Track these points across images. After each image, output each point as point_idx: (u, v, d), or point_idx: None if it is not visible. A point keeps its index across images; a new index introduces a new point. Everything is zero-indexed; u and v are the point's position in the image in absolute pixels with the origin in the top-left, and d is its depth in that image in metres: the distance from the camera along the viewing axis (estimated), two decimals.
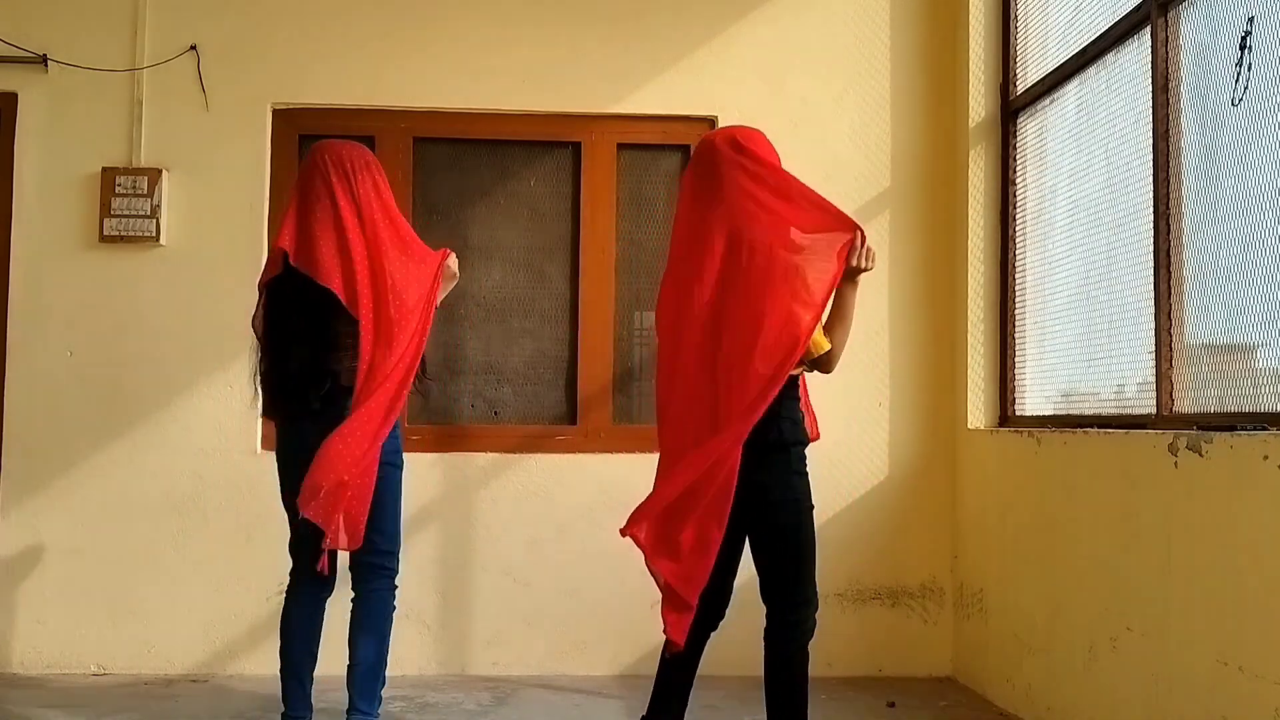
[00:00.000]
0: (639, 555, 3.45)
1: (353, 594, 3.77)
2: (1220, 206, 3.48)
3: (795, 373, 3.25)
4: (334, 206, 3.58)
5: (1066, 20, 4.55)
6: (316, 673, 3.79)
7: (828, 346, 3.27)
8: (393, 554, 3.75)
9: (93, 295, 5.02)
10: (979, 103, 5.09)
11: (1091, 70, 4.32)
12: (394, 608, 3.79)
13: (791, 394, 3.27)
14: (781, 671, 3.29)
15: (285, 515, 3.71)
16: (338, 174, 3.62)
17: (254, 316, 3.74)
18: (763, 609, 3.35)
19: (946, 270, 5.22)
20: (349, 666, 3.75)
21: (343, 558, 3.75)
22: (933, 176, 5.27)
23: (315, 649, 3.73)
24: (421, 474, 4.77)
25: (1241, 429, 3.11)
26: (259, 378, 3.71)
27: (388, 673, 3.86)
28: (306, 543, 3.64)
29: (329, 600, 3.78)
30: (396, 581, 3.78)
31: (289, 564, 3.81)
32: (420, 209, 5.24)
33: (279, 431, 3.71)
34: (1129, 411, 3.94)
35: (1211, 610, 3.14)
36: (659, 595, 3.40)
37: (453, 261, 3.81)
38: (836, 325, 3.32)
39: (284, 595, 3.76)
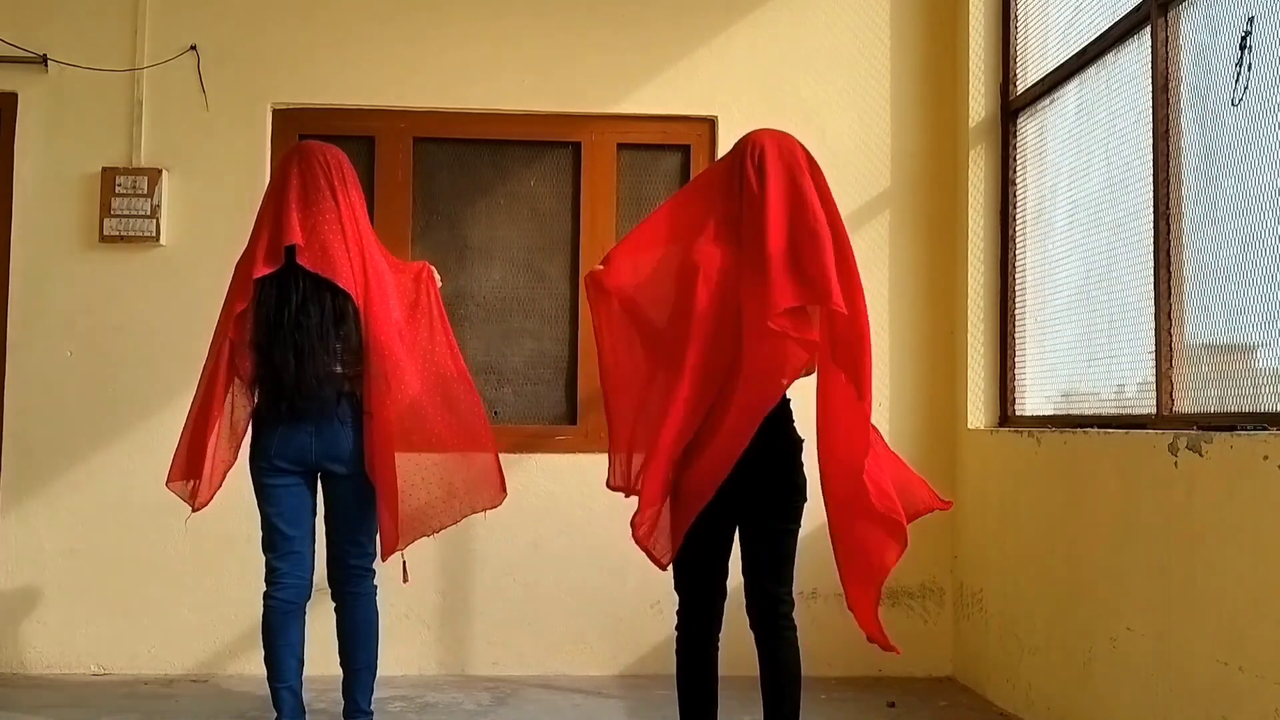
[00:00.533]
0: (639, 555, 3.45)
1: (336, 600, 3.75)
2: (1220, 206, 3.48)
3: None
4: (337, 209, 3.59)
5: (1066, 20, 4.55)
6: (313, 673, 3.79)
7: None
8: (374, 555, 3.76)
9: (93, 295, 5.02)
10: (979, 103, 5.09)
11: (1091, 70, 4.31)
12: (376, 604, 3.79)
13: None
14: (796, 663, 3.25)
15: (265, 518, 3.70)
16: (338, 178, 3.63)
17: (235, 312, 3.58)
18: None
19: (946, 270, 5.22)
20: (350, 670, 3.74)
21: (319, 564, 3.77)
22: (933, 176, 5.27)
23: (301, 654, 3.71)
24: None
25: (1241, 429, 3.11)
26: (271, 380, 3.56)
27: (386, 672, 3.87)
28: (296, 548, 3.66)
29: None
30: (376, 582, 3.79)
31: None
32: (420, 209, 5.24)
33: (275, 433, 3.60)
34: (1129, 411, 3.94)
35: (1211, 610, 3.14)
36: (659, 595, 3.40)
37: (435, 272, 3.87)
38: None
39: (263, 601, 3.70)
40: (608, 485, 3.41)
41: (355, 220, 3.61)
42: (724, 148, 5.16)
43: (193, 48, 5.10)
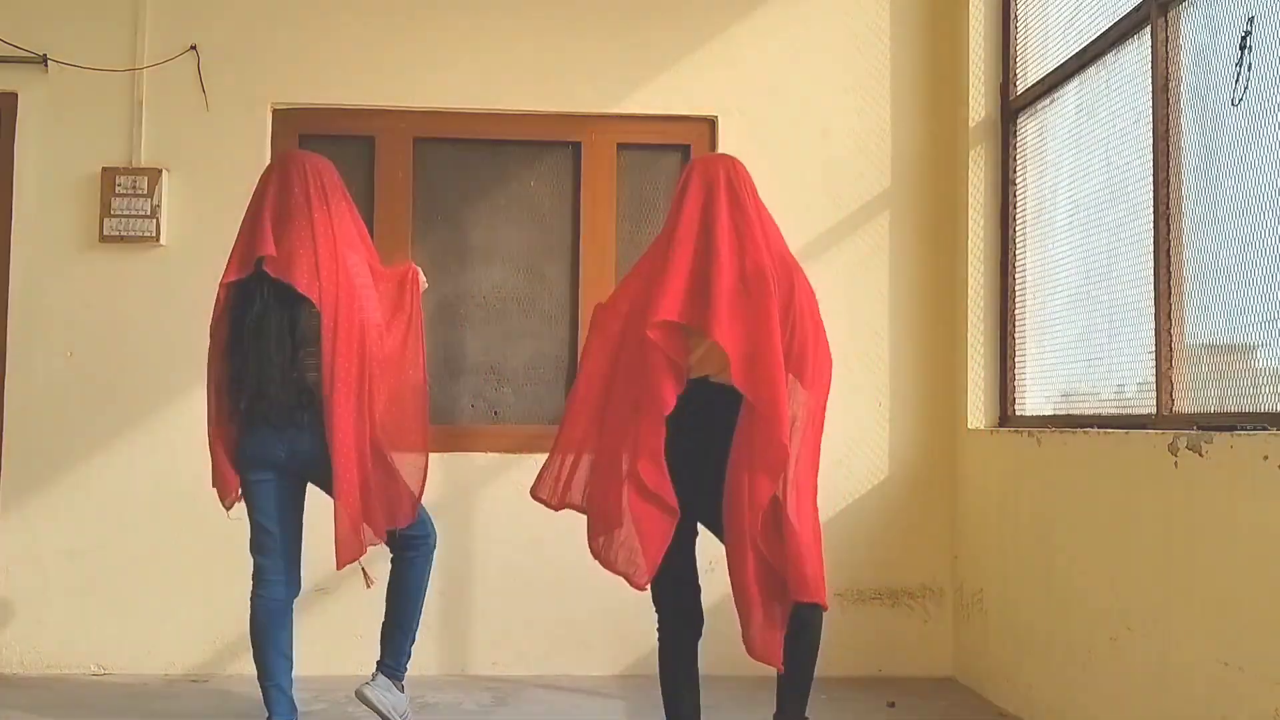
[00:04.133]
0: None
1: (391, 556, 3.93)
2: (1220, 206, 3.48)
3: None
4: (310, 219, 3.67)
5: (1066, 20, 4.55)
6: (312, 673, 3.81)
7: None
8: (424, 529, 3.94)
9: (93, 295, 5.02)
10: (979, 103, 5.09)
11: (1091, 70, 4.32)
12: (428, 571, 3.96)
13: None
14: (814, 650, 3.34)
15: (250, 517, 3.78)
16: (315, 187, 3.72)
17: (214, 318, 3.71)
18: None
19: (947, 270, 5.22)
20: (386, 623, 3.94)
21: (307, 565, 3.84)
22: (933, 176, 5.27)
23: (290, 652, 3.76)
24: None
25: (1241, 429, 3.11)
26: (235, 384, 3.68)
27: None
28: (279, 546, 3.73)
29: (297, 604, 3.85)
30: (433, 544, 3.96)
31: None
32: (420, 209, 5.24)
33: (256, 439, 3.68)
34: (1129, 411, 3.94)
35: (1211, 610, 3.14)
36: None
37: (421, 275, 4.00)
38: None
39: (251, 600, 3.76)
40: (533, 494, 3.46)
41: (331, 230, 3.69)
42: (724, 147, 5.20)
43: (193, 48, 5.10)
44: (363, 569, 3.80)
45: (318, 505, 3.79)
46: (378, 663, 3.94)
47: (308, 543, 3.85)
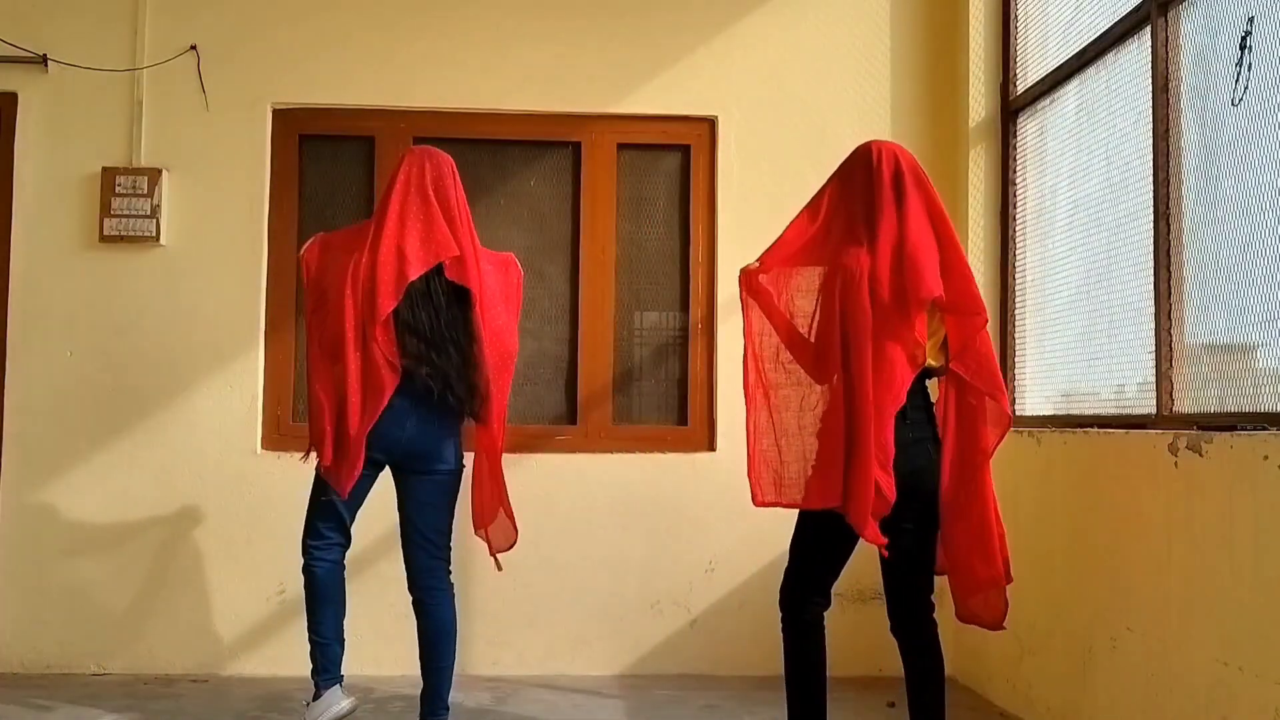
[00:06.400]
0: (639, 555, 3.49)
1: (415, 594, 3.84)
2: (1220, 206, 3.48)
3: None
4: (460, 215, 3.77)
5: (1066, 20, 4.55)
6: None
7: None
8: (449, 550, 3.99)
9: (93, 295, 5.02)
10: (979, 103, 5.09)
11: (1091, 70, 4.32)
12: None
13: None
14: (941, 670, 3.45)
15: (321, 504, 3.78)
16: (453, 180, 3.83)
17: (387, 310, 3.61)
18: (762, 608, 3.35)
19: None
20: (434, 669, 3.85)
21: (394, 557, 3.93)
22: (933, 176, 5.21)
23: (344, 610, 3.80)
24: None
25: (1241, 429, 3.11)
26: (425, 368, 3.65)
27: (386, 672, 3.91)
28: (343, 522, 3.77)
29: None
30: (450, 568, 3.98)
31: (288, 564, 3.83)
32: None
33: (398, 413, 3.64)
34: (1129, 411, 3.94)
35: (1211, 610, 3.14)
36: (658, 595, 3.41)
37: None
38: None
39: (306, 568, 3.76)
40: (755, 503, 3.42)
41: (473, 234, 3.80)
42: (724, 148, 5.20)
43: (193, 48, 5.10)
44: (494, 557, 3.99)
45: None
46: (441, 711, 3.87)
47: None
